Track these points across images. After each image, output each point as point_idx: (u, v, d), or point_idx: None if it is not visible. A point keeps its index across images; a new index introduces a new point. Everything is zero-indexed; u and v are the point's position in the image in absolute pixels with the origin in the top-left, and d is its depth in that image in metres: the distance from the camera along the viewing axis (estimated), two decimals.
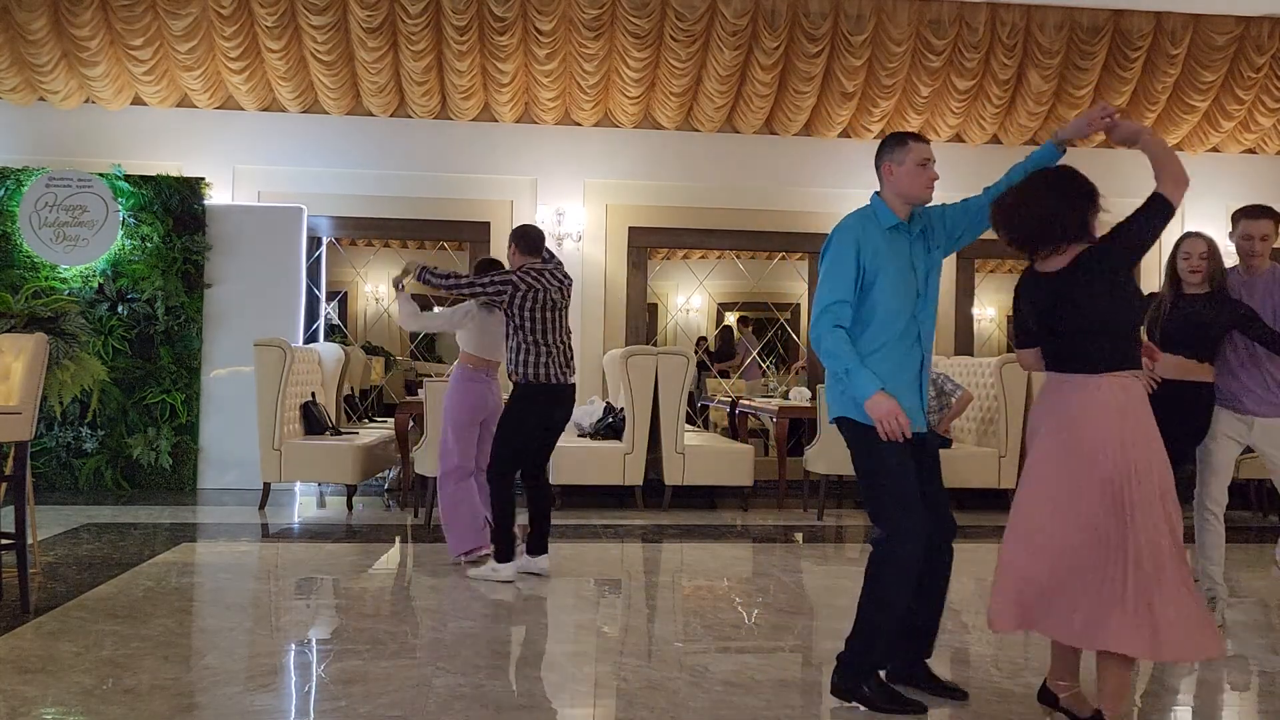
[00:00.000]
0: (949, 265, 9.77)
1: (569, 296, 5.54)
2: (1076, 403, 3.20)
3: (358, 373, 10.03)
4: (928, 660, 3.68)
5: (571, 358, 5.50)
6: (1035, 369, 3.46)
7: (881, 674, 3.55)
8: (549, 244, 6.05)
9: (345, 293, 11.89)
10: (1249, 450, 8.01)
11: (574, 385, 5.53)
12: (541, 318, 5.36)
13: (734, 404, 9.55)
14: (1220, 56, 9.17)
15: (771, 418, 8.39)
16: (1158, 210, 3.26)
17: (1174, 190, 3.26)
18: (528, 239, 5.52)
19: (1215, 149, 9.99)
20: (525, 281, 5.33)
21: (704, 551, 6.52)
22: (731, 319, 12.99)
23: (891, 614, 3.42)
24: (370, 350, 11.41)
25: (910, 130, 4.06)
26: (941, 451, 8.22)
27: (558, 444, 7.42)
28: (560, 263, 5.59)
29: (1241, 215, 4.63)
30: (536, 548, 5.54)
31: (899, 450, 3.41)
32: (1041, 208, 3.26)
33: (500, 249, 9.39)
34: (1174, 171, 3.30)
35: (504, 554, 5.40)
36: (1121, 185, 10.55)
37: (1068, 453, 3.18)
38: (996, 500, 8.33)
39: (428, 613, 4.79)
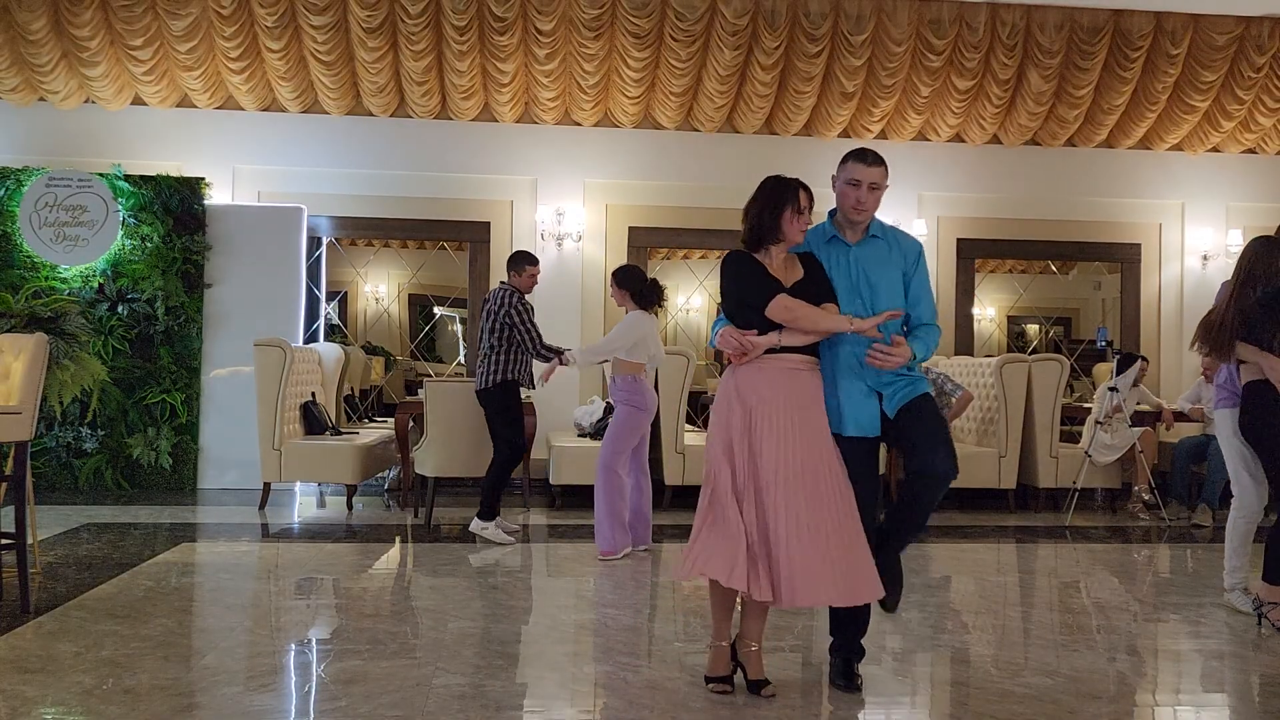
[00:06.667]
0: (948, 265, 9.77)
1: (486, 311, 6.53)
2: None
3: (358, 373, 10.03)
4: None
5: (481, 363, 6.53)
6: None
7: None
8: (546, 247, 6.50)
9: (345, 293, 11.89)
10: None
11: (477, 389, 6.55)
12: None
13: None
14: (1220, 56, 9.17)
15: None
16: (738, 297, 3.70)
17: (781, 313, 3.54)
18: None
19: (1215, 149, 9.98)
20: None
21: None
22: None
23: None
24: (370, 350, 11.42)
25: (861, 144, 4.17)
26: None
27: (559, 444, 8.06)
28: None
29: None
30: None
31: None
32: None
33: (500, 249, 9.39)
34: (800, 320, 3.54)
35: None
36: (1120, 185, 10.61)
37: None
38: (997, 500, 8.34)
39: (428, 613, 4.79)
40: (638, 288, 6.16)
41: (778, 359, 3.56)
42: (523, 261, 6.57)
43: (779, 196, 3.61)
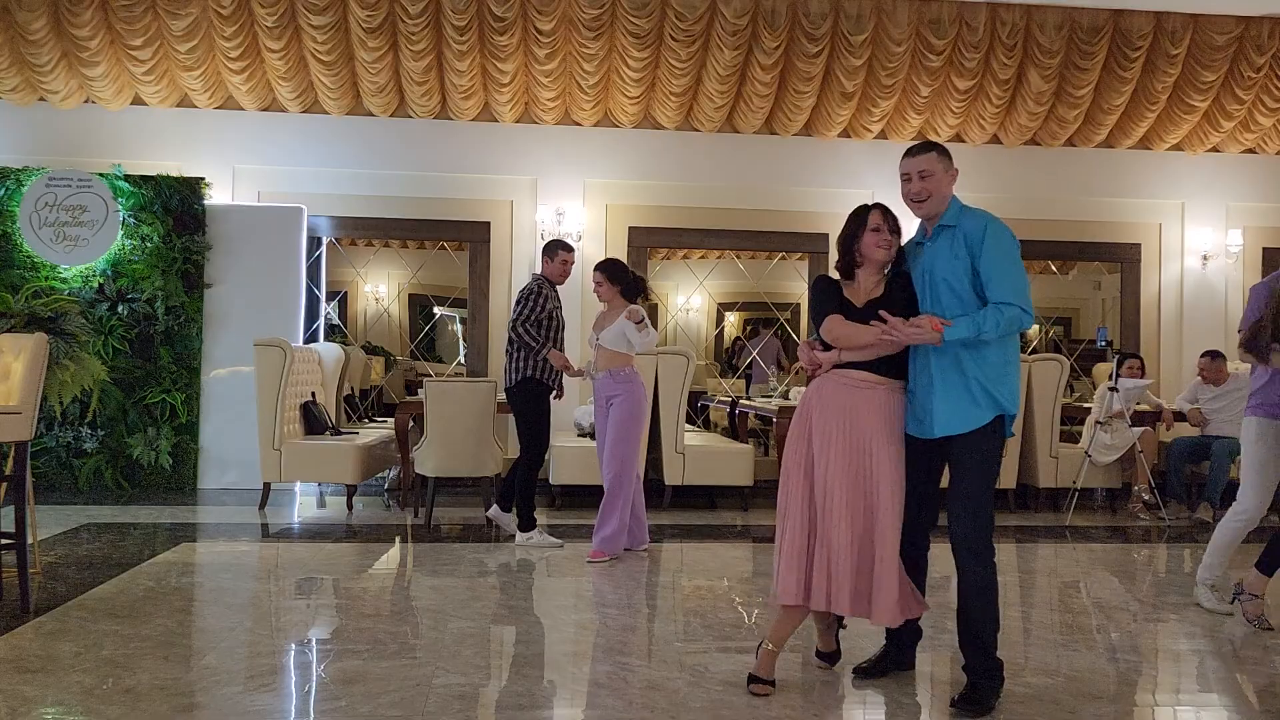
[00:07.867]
0: None
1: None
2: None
3: (358, 373, 10.03)
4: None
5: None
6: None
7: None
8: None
9: (345, 293, 11.89)
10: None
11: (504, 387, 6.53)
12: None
13: (734, 404, 9.55)
14: (1220, 56, 9.17)
15: (773, 418, 8.39)
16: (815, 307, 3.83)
17: (826, 334, 3.71)
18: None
19: (1215, 149, 9.98)
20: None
21: (704, 551, 6.52)
22: (732, 318, 13.00)
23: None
24: (370, 350, 11.42)
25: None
26: None
27: (558, 444, 8.07)
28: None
29: None
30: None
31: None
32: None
33: (500, 248, 9.40)
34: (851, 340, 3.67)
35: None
36: (1119, 185, 10.60)
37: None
38: (997, 500, 8.32)
39: (428, 613, 4.79)
40: (628, 282, 6.22)
41: (840, 374, 3.69)
42: (557, 247, 6.50)
43: (853, 223, 3.75)
